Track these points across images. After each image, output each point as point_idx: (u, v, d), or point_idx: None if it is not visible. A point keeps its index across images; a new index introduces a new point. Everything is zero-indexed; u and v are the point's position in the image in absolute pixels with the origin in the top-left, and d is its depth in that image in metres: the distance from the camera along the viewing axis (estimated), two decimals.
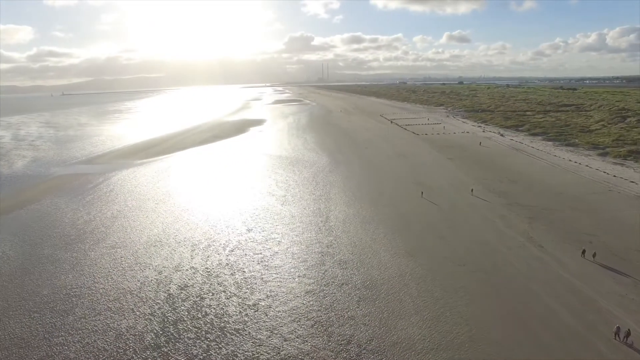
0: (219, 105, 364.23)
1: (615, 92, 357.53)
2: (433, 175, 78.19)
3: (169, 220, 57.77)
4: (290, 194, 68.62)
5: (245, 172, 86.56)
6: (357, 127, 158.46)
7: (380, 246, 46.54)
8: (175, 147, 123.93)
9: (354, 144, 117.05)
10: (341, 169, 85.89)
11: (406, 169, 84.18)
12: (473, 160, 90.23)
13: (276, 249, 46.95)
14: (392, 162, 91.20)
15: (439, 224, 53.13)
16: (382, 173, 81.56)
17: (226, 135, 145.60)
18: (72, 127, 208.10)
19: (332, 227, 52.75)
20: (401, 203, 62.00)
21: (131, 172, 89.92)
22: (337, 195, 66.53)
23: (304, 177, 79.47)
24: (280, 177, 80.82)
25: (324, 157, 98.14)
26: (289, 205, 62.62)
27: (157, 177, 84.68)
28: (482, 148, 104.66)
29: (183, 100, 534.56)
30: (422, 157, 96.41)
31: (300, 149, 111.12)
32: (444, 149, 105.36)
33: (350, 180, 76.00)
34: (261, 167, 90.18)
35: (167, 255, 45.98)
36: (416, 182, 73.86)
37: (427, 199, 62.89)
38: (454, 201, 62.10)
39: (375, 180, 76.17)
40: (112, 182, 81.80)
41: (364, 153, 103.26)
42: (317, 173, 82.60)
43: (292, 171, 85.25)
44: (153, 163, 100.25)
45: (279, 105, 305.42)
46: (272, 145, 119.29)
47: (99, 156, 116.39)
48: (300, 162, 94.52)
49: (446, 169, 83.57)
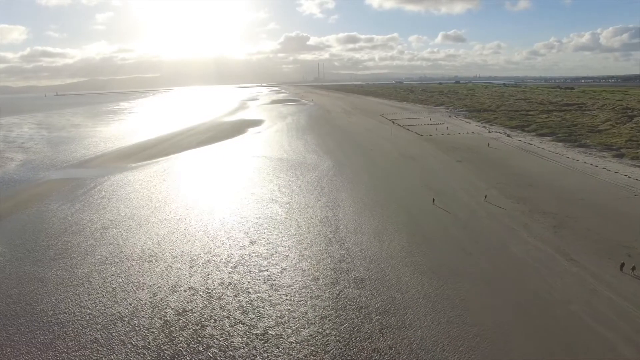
0: (215, 105, 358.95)
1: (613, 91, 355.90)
2: (443, 179, 74.11)
3: (164, 231, 53.28)
4: (294, 200, 64.27)
5: (245, 176, 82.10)
6: (359, 127, 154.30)
7: (398, 261, 42.33)
8: (171, 150, 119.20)
9: (357, 146, 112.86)
10: (346, 172, 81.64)
11: (414, 173, 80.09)
12: (483, 163, 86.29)
13: (283, 264, 42.61)
14: (399, 165, 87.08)
15: (458, 234, 49.00)
16: (390, 177, 77.43)
17: (224, 137, 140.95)
18: (64, 129, 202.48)
19: (343, 239, 48.48)
20: (414, 211, 57.84)
21: (125, 177, 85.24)
22: (345, 202, 62.26)
23: (308, 182, 75.16)
24: (282, 181, 76.45)
25: (327, 160, 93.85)
26: (294, 213, 58.28)
27: (152, 182, 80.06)
28: (491, 149, 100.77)
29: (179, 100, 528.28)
30: (429, 159, 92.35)
31: (301, 151, 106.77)
32: (451, 150, 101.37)
33: (357, 185, 71.78)
34: (262, 171, 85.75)
35: (163, 273, 41.54)
36: (426, 186, 69.78)
37: (441, 207, 58.74)
38: (470, 208, 58.01)
39: (384, 184, 72.00)
40: (104, 187, 77.09)
41: (368, 155, 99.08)
42: (321, 177, 78.31)
43: (294, 175, 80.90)
44: (148, 167, 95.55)
45: (277, 106, 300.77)
46: (272, 147, 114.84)
47: (91, 159, 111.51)
48: (302, 165, 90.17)
49: (456, 172, 79.53)
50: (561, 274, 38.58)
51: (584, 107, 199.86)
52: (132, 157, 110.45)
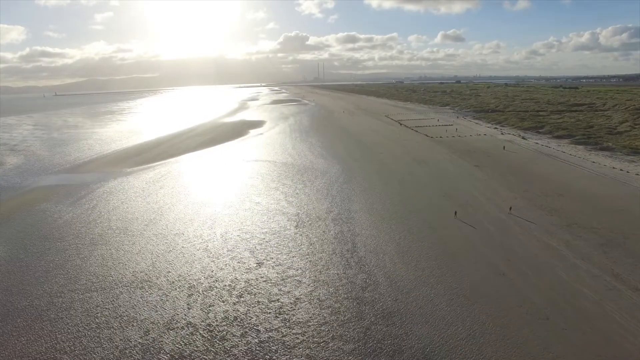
0: (214, 105, 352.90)
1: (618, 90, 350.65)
2: (462, 187, 68.30)
3: (160, 248, 47.40)
4: (303, 212, 58.38)
5: (249, 183, 76.22)
6: (364, 129, 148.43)
7: (429, 289, 36.49)
8: (168, 153, 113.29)
9: (365, 149, 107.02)
10: (357, 179, 75.81)
11: (430, 179, 74.26)
12: (503, 168, 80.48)
13: (297, 292, 36.75)
14: (412, 171, 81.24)
15: (491, 254, 43.17)
16: (405, 184, 71.62)
17: (224, 139, 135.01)
18: (60, 130, 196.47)
19: (363, 260, 42.64)
20: (436, 224, 52.03)
21: (119, 184, 79.32)
22: (360, 214, 56.39)
23: (317, 190, 69.31)
24: (288, 189, 70.59)
25: (335, 165, 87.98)
26: (304, 227, 52.40)
27: (148, 189, 74.16)
28: (508, 153, 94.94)
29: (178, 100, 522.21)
30: (443, 164, 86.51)
31: (306, 155, 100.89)
32: (465, 154, 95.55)
33: (371, 194, 65.93)
34: (266, 177, 79.86)
35: (157, 303, 35.67)
36: (445, 195, 63.97)
37: (464, 220, 52.84)
38: (498, 222, 52.18)
39: (399, 193, 66.19)
40: (95, 195, 71.19)
41: (378, 159, 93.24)
42: (330, 184, 72.46)
43: (301, 182, 75.05)
44: (144, 172, 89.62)
45: (278, 106, 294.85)
46: (276, 151, 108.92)
47: (85, 163, 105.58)
48: (309, 170, 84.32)
49: (475, 178, 73.71)
50: (632, 311, 32.66)
51: (595, 108, 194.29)
52: (127, 161, 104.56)
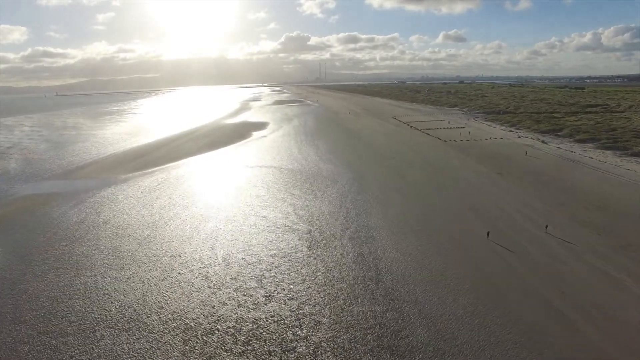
0: (216, 106, 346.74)
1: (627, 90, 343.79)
2: (488, 199, 61.77)
3: (153, 275, 41.01)
4: (316, 228, 51.92)
5: (253, 193, 69.79)
6: (372, 131, 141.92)
7: (476, 334, 30.05)
8: (167, 157, 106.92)
9: (376, 153, 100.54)
10: (371, 188, 69.35)
11: (451, 189, 67.75)
12: (529, 176, 73.94)
13: (316, 338, 30.32)
14: (431, 179, 74.75)
15: (539, 286, 36.76)
16: (424, 195, 65.14)
17: (226, 142, 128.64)
18: (57, 132, 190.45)
19: (391, 292, 36.17)
20: (467, 245, 45.58)
21: (112, 193, 72.99)
22: (380, 232, 49.90)
23: (329, 201, 62.87)
24: (297, 200, 64.16)
25: (346, 171, 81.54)
26: (318, 248, 45.95)
27: (143, 200, 67.82)
28: (531, 159, 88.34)
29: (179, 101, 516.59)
30: (463, 171, 79.99)
31: (314, 160, 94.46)
32: (485, 160, 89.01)
33: (389, 206, 59.45)
34: (272, 186, 73.45)
35: (146, 353, 29.24)
36: (471, 208, 57.45)
37: (498, 242, 46.22)
38: (538, 243, 45.69)
39: (420, 205, 59.69)
40: (85, 207, 64.85)
41: (391, 165, 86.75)
42: (343, 195, 66.01)
43: (310, 191, 68.63)
44: (140, 179, 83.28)
45: (281, 107, 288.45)
46: (281, 155, 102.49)
47: (78, 168, 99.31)
48: (318, 177, 77.89)
49: (500, 188, 67.18)
50: None
51: (609, 109, 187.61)
52: (124, 166, 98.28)
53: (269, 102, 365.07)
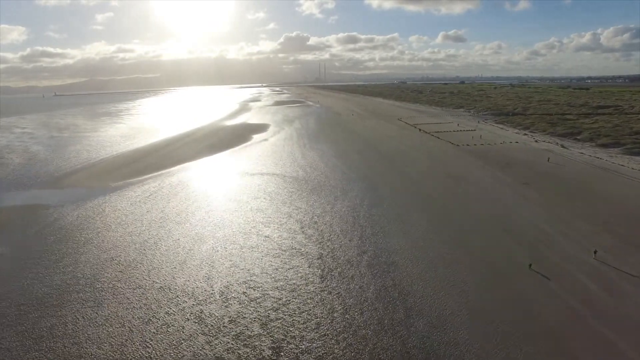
0: (215, 107, 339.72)
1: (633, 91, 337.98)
2: (520, 216, 54.89)
3: (135, 316, 34.07)
4: (327, 252, 45.00)
5: (254, 206, 62.85)
6: (379, 134, 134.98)
7: None
8: (161, 163, 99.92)
9: (386, 159, 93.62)
10: (386, 201, 62.46)
11: (477, 204, 60.85)
12: (559, 187, 67.11)
13: None
14: (451, 190, 67.84)
15: (613, 337, 29.83)
16: (448, 211, 58.21)
17: (224, 146, 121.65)
18: (50, 134, 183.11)
19: (428, 343, 29.25)
20: (512, 281, 38.64)
21: (98, 205, 66.01)
22: (403, 258, 42.95)
23: (339, 217, 55.94)
24: (304, 215, 57.22)
25: (356, 180, 74.69)
26: (332, 279, 39.01)
27: (132, 214, 60.85)
28: (556, 167, 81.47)
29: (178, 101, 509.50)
30: (484, 180, 73.13)
31: (319, 167, 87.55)
32: (505, 167, 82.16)
33: (408, 224, 52.55)
34: (275, 198, 66.52)
35: None
36: (505, 229, 50.54)
37: (545, 274, 39.27)
38: (595, 275, 38.83)
39: (445, 224, 52.78)
40: (66, 223, 57.86)
41: (405, 173, 79.85)
42: (355, 209, 59.08)
43: (318, 204, 61.72)
44: (130, 188, 76.32)
45: (281, 108, 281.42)
46: (283, 161, 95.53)
47: (66, 175, 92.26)
48: (325, 187, 71.02)
49: (531, 202, 60.28)
50: None
51: (622, 110, 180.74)
52: (115, 173, 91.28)
53: (269, 102, 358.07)
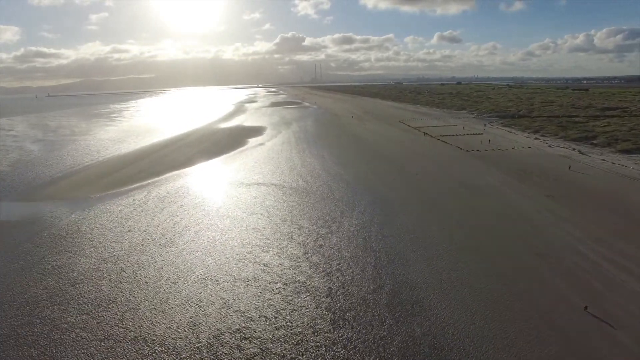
0: (210, 108, 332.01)
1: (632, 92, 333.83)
2: (554, 237, 48.02)
3: None
4: (337, 286, 37.84)
5: (249, 223, 55.59)
6: (381, 138, 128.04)
7: None
8: (150, 171, 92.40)
9: (392, 166, 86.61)
10: (399, 217, 55.42)
11: (501, 222, 53.93)
12: (588, 201, 60.35)
13: None
14: (470, 206, 60.88)
15: None
16: (468, 229, 51.20)
17: (218, 151, 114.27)
18: (35, 136, 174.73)
19: None
20: (565, 328, 31.63)
21: (75, 222, 58.48)
22: (430, 296, 35.83)
23: (349, 239, 48.84)
24: (307, 236, 50.08)
25: (363, 192, 67.63)
26: (346, 325, 31.82)
27: (111, 234, 53.41)
28: (579, 176, 74.77)
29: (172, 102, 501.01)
30: (502, 192, 66.28)
31: (321, 175, 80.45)
32: (523, 176, 75.43)
33: (429, 250, 45.50)
34: (272, 213, 59.29)
35: None
36: (538, 253, 43.65)
37: (605, 319, 32.39)
38: None
39: (469, 248, 45.76)
40: (35, 245, 50.31)
41: (415, 183, 72.87)
42: (365, 227, 52.00)
43: (322, 222, 54.60)
44: (113, 201, 68.84)
45: (277, 109, 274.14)
46: (281, 169, 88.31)
47: (45, 184, 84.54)
48: (329, 201, 63.91)
49: (562, 219, 53.42)
50: None
51: (631, 112, 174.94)
52: (99, 182, 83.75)
53: (265, 103, 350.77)
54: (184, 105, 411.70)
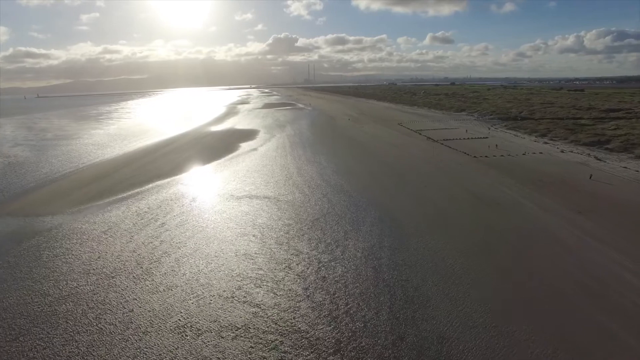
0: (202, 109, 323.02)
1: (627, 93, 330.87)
2: (594, 263, 41.00)
3: None
4: (347, 337, 30.49)
5: (240, 247, 48.06)
6: (381, 142, 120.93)
7: None
8: (133, 181, 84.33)
9: (396, 176, 79.43)
10: (412, 240, 48.19)
11: (530, 245, 46.88)
12: (623, 217, 53.52)
13: None
14: (488, 223, 53.80)
15: None
16: (496, 257, 44.06)
17: (207, 157, 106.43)
18: (14, 139, 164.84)
19: None
20: None
21: (38, 245, 50.46)
22: (464, 353, 28.62)
23: (355, 268, 41.56)
24: (307, 265, 42.71)
25: (367, 207, 60.35)
26: None
27: (77, 261, 45.61)
28: (604, 187, 68.18)
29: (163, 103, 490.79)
30: (523, 207, 59.34)
31: (319, 186, 73.13)
32: (541, 187, 68.71)
33: (453, 285, 38.30)
34: (266, 235, 51.82)
35: None
36: (588, 293, 36.64)
37: None
38: None
39: (499, 280, 38.60)
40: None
41: (423, 195, 65.72)
42: (373, 254, 44.73)
43: (324, 245, 47.27)
44: (88, 217, 60.86)
45: (271, 110, 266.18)
46: (275, 178, 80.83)
47: (15, 197, 76.08)
48: (329, 218, 56.58)
49: (598, 240, 46.49)
50: None
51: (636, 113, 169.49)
52: (74, 194, 75.65)
53: (258, 105, 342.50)
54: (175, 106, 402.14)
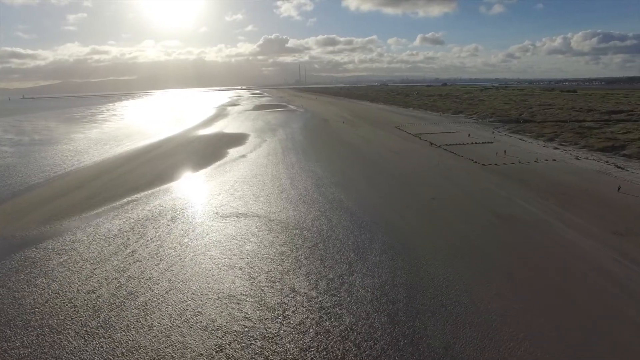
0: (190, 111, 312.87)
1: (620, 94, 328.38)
2: None
3: None
4: None
5: (225, 285, 39.54)
6: (381, 148, 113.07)
7: None
8: (106, 194, 75.26)
9: (402, 188, 71.53)
10: (430, 272, 40.17)
11: (565, 275, 39.13)
12: None
13: None
14: (513, 246, 46.00)
15: None
16: (533, 291, 36.16)
17: (192, 166, 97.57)
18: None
19: None
20: None
21: None
22: None
23: (366, 315, 33.36)
24: (305, 312, 34.40)
25: (372, 228, 52.25)
26: None
27: (13, 310, 36.66)
28: (635, 200, 60.93)
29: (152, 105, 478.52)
30: (553, 228, 51.72)
31: (316, 201, 64.93)
32: (565, 202, 61.31)
33: (483, 331, 30.24)
34: (255, 267, 43.39)
35: None
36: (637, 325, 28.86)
37: None
38: None
39: (536, 329, 30.65)
40: None
41: (434, 211, 57.81)
42: (386, 294, 36.55)
43: (325, 281, 39.03)
44: (44, 243, 51.80)
45: (262, 113, 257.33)
46: (266, 191, 72.45)
47: None
48: (330, 243, 48.35)
49: None
50: None
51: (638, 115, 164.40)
52: (37, 211, 66.44)
53: (249, 106, 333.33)
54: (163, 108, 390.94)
